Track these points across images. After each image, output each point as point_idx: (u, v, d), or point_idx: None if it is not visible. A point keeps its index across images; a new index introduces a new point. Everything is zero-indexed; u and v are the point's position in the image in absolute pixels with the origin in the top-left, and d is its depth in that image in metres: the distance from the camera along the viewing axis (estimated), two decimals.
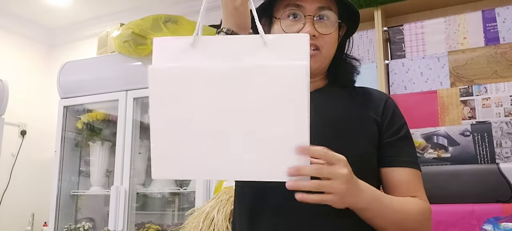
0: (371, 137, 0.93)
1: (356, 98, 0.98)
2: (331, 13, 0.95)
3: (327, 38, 0.94)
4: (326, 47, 0.94)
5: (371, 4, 2.13)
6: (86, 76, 2.70)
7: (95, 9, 3.26)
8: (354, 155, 0.80)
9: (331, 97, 0.97)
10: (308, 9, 0.93)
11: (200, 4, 0.81)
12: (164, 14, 2.38)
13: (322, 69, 0.98)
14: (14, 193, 3.21)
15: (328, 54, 0.96)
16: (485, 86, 1.89)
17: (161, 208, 2.71)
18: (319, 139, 0.77)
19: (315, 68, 0.94)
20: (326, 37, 0.94)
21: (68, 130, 2.79)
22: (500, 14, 1.95)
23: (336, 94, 0.98)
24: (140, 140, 2.58)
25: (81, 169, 2.89)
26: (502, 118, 1.84)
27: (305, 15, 0.93)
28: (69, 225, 2.69)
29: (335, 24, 0.95)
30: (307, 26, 0.92)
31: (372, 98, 0.99)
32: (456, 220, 1.79)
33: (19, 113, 3.29)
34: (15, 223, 3.20)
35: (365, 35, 2.22)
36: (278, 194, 0.80)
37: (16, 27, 3.44)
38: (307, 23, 0.92)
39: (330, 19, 0.95)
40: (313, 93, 0.95)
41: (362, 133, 0.92)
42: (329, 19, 0.95)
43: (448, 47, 2.04)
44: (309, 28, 0.91)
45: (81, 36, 3.51)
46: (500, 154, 1.83)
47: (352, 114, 0.94)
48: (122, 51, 2.46)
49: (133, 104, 2.50)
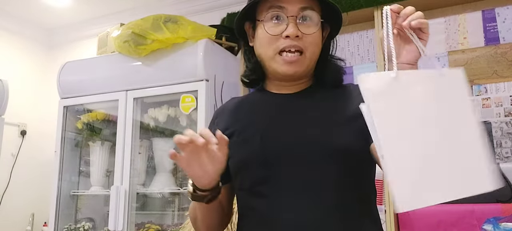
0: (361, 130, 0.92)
1: (343, 96, 0.98)
2: (314, 13, 0.95)
3: (310, 39, 0.94)
4: (310, 48, 0.95)
5: (371, 4, 2.13)
6: (86, 76, 2.70)
7: (95, 9, 3.26)
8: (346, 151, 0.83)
9: (317, 98, 0.98)
10: (290, 10, 0.93)
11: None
12: (164, 14, 2.37)
13: (308, 71, 0.98)
14: (14, 193, 3.21)
15: (312, 55, 0.96)
16: (485, 86, 1.89)
17: (161, 208, 2.71)
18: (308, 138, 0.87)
19: (300, 72, 0.96)
20: (309, 38, 0.94)
21: (68, 130, 2.79)
22: (500, 14, 1.95)
23: (323, 94, 0.99)
24: (140, 140, 2.58)
25: (81, 169, 2.89)
26: (502, 118, 1.84)
27: (287, 16, 0.93)
28: (69, 225, 2.69)
29: (318, 24, 0.96)
30: (290, 26, 0.92)
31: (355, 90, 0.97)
32: (456, 220, 1.78)
33: (19, 113, 3.29)
34: (15, 223, 3.20)
35: (365, 35, 2.22)
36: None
37: (16, 27, 3.44)
38: (290, 24, 0.93)
39: (313, 19, 0.95)
40: (299, 94, 0.99)
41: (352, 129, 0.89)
42: (312, 19, 0.95)
43: (448, 47, 2.04)
44: (292, 29, 0.92)
45: (81, 36, 3.51)
46: (500, 154, 1.83)
47: (339, 112, 0.94)
48: (122, 51, 2.46)
49: (133, 104, 2.50)
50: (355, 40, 2.24)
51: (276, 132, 0.94)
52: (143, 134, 2.60)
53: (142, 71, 2.44)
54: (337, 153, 0.88)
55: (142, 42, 2.32)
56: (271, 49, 0.95)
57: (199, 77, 2.27)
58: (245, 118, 1.00)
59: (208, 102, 2.24)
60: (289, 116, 0.96)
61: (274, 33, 0.94)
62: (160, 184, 2.55)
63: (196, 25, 2.35)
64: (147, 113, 2.56)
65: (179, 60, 2.34)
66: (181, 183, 2.59)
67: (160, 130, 2.64)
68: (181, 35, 2.29)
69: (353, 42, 2.23)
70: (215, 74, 2.30)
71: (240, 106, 1.05)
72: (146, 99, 2.54)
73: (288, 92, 1.00)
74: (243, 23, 1.03)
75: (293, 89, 1.00)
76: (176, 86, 2.34)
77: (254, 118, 0.99)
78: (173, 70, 2.35)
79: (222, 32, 2.47)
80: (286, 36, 0.93)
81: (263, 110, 1.00)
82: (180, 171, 2.66)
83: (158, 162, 2.62)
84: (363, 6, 2.15)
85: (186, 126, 2.45)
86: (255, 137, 0.94)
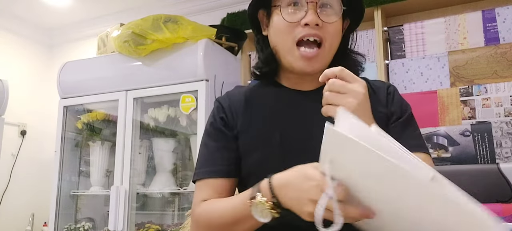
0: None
1: None
2: (335, 1, 0.87)
3: (331, 29, 0.87)
4: (329, 39, 0.87)
5: (371, 4, 2.13)
6: (86, 76, 2.70)
7: (95, 9, 3.26)
8: None
9: None
10: None
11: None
12: (164, 14, 2.37)
13: (326, 67, 0.87)
14: (14, 193, 3.21)
15: (331, 47, 0.89)
16: (485, 86, 1.89)
17: (161, 208, 2.71)
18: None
19: (319, 69, 0.86)
20: (329, 27, 0.87)
21: (68, 130, 2.79)
22: (500, 14, 1.95)
23: None
24: (140, 140, 2.58)
25: (81, 169, 2.89)
26: (502, 118, 1.84)
27: (307, 1, 0.85)
28: (69, 225, 2.69)
29: (339, 14, 0.88)
30: (309, 13, 0.85)
31: (376, 92, 0.93)
32: None
33: (19, 113, 3.29)
34: (15, 223, 3.20)
35: (365, 35, 2.22)
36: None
37: (16, 27, 3.44)
38: (310, 10, 0.85)
39: (334, 7, 0.87)
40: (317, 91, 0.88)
41: None
42: (333, 7, 0.87)
43: (448, 47, 2.04)
44: (311, 17, 0.84)
45: (81, 36, 3.51)
46: (500, 154, 1.83)
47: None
48: (122, 51, 2.46)
49: (133, 104, 2.50)
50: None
51: (295, 132, 0.87)
52: (143, 134, 2.60)
53: (142, 71, 2.44)
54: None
55: (142, 42, 2.32)
56: (289, 39, 0.87)
57: (199, 77, 2.27)
58: (260, 115, 0.91)
59: (208, 102, 2.24)
60: (307, 115, 0.88)
61: (292, 20, 0.86)
62: (160, 184, 2.55)
63: (196, 25, 2.35)
64: (147, 113, 2.56)
65: (179, 60, 2.34)
66: (181, 183, 2.59)
67: (160, 130, 2.64)
68: (181, 35, 2.29)
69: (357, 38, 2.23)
70: (215, 74, 2.30)
71: (252, 101, 0.94)
72: (146, 99, 2.54)
73: (304, 89, 0.93)
74: (256, 10, 0.95)
75: (309, 86, 0.92)
76: (176, 86, 2.34)
77: (271, 116, 0.91)
78: (173, 70, 2.35)
79: (222, 32, 2.47)
80: (305, 24, 0.85)
81: (280, 109, 0.91)
82: (180, 171, 2.67)
83: (158, 162, 2.62)
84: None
85: (186, 126, 2.45)
86: (274, 137, 0.87)
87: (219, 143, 0.91)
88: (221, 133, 0.92)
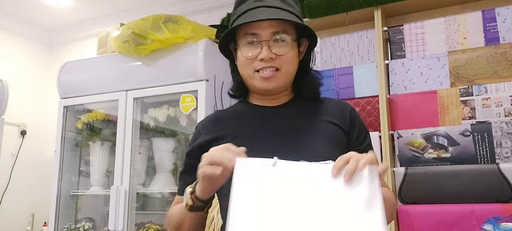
0: (333, 139, 1.02)
1: (318, 110, 1.08)
2: (286, 35, 1.03)
3: (284, 58, 1.02)
4: (285, 65, 1.03)
5: (371, 4, 2.13)
6: (86, 76, 2.70)
7: (95, 9, 3.26)
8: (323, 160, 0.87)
9: (293, 111, 1.07)
10: (263, 35, 1.01)
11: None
12: (164, 14, 2.37)
13: (285, 86, 1.07)
14: (14, 193, 3.21)
15: (287, 72, 1.05)
16: (485, 86, 1.89)
17: (161, 208, 2.71)
18: (285, 147, 0.96)
19: (277, 87, 1.04)
20: (283, 57, 1.02)
21: (68, 130, 2.79)
22: (500, 14, 1.95)
23: (298, 108, 1.08)
24: (140, 140, 2.58)
25: (81, 169, 2.89)
26: (502, 118, 1.84)
27: (260, 41, 1.02)
28: (69, 225, 2.69)
29: (291, 44, 1.03)
30: (263, 50, 1.01)
31: (331, 105, 1.10)
32: (456, 220, 1.79)
33: (19, 113, 3.29)
34: (15, 223, 3.20)
35: (365, 35, 2.22)
36: None
37: (16, 28, 3.44)
38: (264, 48, 1.01)
39: (286, 40, 1.03)
40: (280, 106, 1.08)
41: (324, 139, 1.00)
42: (285, 40, 1.03)
43: (448, 47, 2.04)
44: (265, 53, 1.00)
45: (81, 36, 3.52)
46: (500, 154, 1.83)
47: (313, 123, 1.04)
48: (122, 51, 2.46)
49: (133, 104, 2.50)
50: (355, 40, 2.23)
51: (262, 138, 1.02)
52: (143, 134, 2.60)
53: (142, 71, 2.44)
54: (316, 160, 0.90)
55: (142, 42, 2.32)
56: (250, 69, 1.04)
57: (199, 77, 2.27)
58: (232, 126, 1.08)
59: (208, 102, 2.24)
60: (272, 125, 1.05)
61: (251, 57, 1.03)
62: (160, 184, 2.55)
63: (196, 25, 2.35)
64: (147, 113, 2.56)
65: (179, 60, 2.34)
66: None
67: (160, 130, 2.64)
68: (181, 35, 2.29)
69: (353, 42, 2.23)
70: (215, 74, 2.31)
71: (225, 116, 1.14)
72: (146, 99, 2.54)
73: (270, 104, 1.09)
74: (227, 45, 1.13)
75: (274, 102, 1.09)
76: (176, 86, 2.34)
77: (241, 125, 1.07)
78: (173, 70, 2.35)
79: (222, 32, 2.47)
80: (261, 59, 1.02)
81: (249, 119, 1.09)
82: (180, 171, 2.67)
83: (158, 162, 2.62)
84: (363, 6, 2.15)
85: (186, 126, 2.45)
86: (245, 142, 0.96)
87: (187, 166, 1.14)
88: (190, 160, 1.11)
